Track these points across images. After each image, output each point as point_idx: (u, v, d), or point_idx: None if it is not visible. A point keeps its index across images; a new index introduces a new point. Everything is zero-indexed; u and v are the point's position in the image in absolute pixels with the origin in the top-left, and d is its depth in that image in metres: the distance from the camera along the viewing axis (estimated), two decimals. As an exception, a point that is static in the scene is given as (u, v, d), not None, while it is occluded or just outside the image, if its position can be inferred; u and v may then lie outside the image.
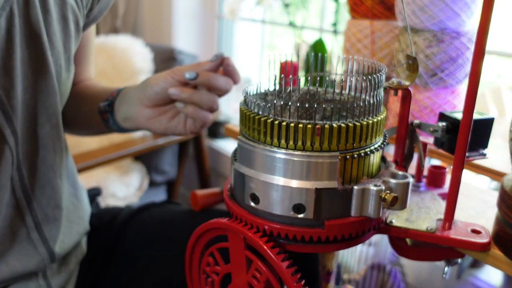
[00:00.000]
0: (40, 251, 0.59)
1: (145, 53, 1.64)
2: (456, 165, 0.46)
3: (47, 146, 0.58)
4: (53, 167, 0.59)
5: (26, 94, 0.54)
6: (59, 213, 0.61)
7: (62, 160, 0.61)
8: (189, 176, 2.00)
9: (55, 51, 0.57)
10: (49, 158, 0.58)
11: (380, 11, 0.82)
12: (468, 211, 0.55)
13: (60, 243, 0.62)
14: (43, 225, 0.59)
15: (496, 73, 1.45)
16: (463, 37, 0.71)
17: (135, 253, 0.73)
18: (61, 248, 0.62)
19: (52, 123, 0.58)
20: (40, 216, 0.59)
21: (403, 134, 0.52)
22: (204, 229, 0.48)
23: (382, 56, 0.85)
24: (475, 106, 0.45)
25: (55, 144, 0.59)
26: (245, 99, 0.46)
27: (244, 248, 0.44)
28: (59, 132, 0.60)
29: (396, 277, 1.28)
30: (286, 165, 0.42)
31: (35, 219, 0.58)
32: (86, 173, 1.40)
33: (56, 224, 0.61)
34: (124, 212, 0.79)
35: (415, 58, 0.47)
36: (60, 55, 0.58)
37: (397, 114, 0.81)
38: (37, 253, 0.59)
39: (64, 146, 0.62)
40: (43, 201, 0.59)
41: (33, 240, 0.59)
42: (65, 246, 0.63)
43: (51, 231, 0.60)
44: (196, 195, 0.69)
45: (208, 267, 0.50)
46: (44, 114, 0.57)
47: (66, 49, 0.59)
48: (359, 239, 0.45)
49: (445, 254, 0.51)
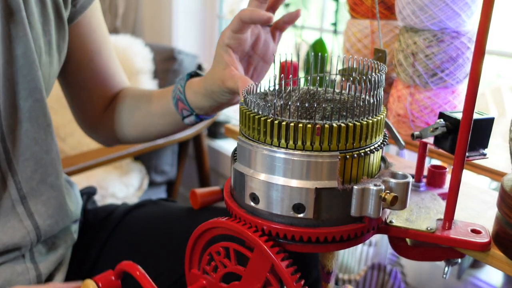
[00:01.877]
0: (25, 224, 0.60)
1: (145, 53, 1.64)
2: (456, 165, 0.46)
3: (31, 119, 0.59)
4: (37, 141, 0.60)
5: (8, 68, 0.56)
6: (45, 188, 0.62)
7: (47, 136, 0.62)
8: (189, 176, 2.00)
9: (34, 31, 0.58)
10: (32, 131, 0.59)
11: (380, 10, 0.82)
12: (468, 211, 0.55)
13: (47, 219, 0.62)
14: (28, 198, 0.60)
15: (496, 73, 1.45)
16: (463, 37, 0.71)
17: (130, 249, 0.73)
18: (47, 225, 0.62)
19: (35, 97, 0.59)
20: (25, 189, 0.59)
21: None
22: (204, 228, 0.48)
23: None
24: (475, 106, 0.44)
25: (39, 118, 0.60)
26: (245, 99, 0.46)
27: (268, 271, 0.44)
28: (43, 108, 0.60)
29: (396, 277, 1.28)
30: (286, 165, 0.42)
31: (20, 192, 0.59)
32: (86, 173, 1.40)
33: (42, 199, 0.62)
34: (120, 209, 0.79)
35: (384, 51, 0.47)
36: (39, 36, 0.59)
37: (397, 114, 0.81)
38: (22, 226, 0.59)
39: (49, 123, 0.62)
40: (28, 174, 0.60)
41: (18, 213, 0.59)
42: (52, 224, 0.63)
43: (36, 205, 0.61)
44: (196, 193, 0.69)
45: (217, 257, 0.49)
46: (26, 88, 0.57)
47: (45, 32, 0.60)
48: (359, 239, 0.45)
49: (445, 254, 0.51)
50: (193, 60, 1.69)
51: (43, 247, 0.65)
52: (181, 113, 0.69)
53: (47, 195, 0.62)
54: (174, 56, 1.63)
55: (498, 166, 0.66)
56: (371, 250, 1.38)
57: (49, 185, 0.63)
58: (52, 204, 0.63)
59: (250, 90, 0.48)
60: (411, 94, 0.75)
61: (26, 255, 0.62)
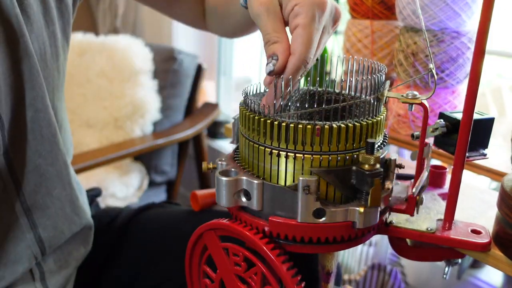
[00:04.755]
0: (28, 236, 0.58)
1: (145, 53, 1.64)
2: (456, 165, 0.46)
3: (34, 131, 0.56)
4: (40, 153, 0.57)
5: (9, 76, 0.52)
6: (51, 200, 0.60)
7: (52, 147, 0.59)
8: (189, 176, 2.00)
9: (35, 25, 0.54)
10: (35, 143, 0.57)
11: (380, 10, 0.82)
12: (468, 211, 0.55)
13: (51, 231, 0.60)
14: (32, 211, 0.58)
15: (497, 73, 1.45)
16: (464, 37, 0.70)
17: (135, 255, 0.73)
18: (51, 237, 0.61)
19: (36, 107, 0.55)
20: (29, 202, 0.58)
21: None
22: (204, 229, 0.48)
23: (382, 56, 0.85)
24: (475, 106, 0.44)
25: (43, 129, 0.57)
26: (245, 99, 0.46)
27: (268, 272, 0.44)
28: (47, 119, 0.57)
29: (397, 278, 1.28)
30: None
31: (24, 205, 0.57)
32: (86, 173, 1.40)
33: (48, 212, 0.60)
34: (123, 214, 0.78)
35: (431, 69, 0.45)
36: (41, 30, 0.55)
37: (397, 114, 0.81)
38: (25, 238, 0.58)
39: (54, 133, 0.59)
40: (31, 187, 0.58)
41: (21, 225, 0.58)
42: (56, 236, 0.61)
43: (41, 218, 0.59)
44: (196, 195, 0.69)
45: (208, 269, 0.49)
46: (29, 97, 0.54)
47: (48, 23, 0.57)
48: (359, 239, 0.45)
49: (445, 255, 0.51)
50: (193, 60, 1.69)
51: (54, 265, 0.63)
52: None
53: (53, 208, 0.61)
54: (174, 56, 1.63)
55: (498, 166, 0.66)
56: (371, 250, 1.38)
57: (55, 197, 0.61)
58: (59, 215, 0.62)
59: (250, 91, 0.48)
60: (411, 94, 0.75)
61: (36, 276, 0.61)
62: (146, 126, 1.59)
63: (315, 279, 0.63)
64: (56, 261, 0.64)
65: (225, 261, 0.47)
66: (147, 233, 0.74)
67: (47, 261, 0.62)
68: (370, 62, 0.48)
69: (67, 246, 0.65)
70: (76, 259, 0.67)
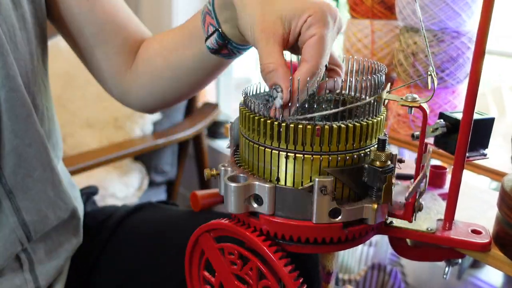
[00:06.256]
0: (11, 220, 0.58)
1: (145, 53, 1.64)
2: (456, 165, 0.46)
3: (8, 111, 0.56)
4: (16, 133, 0.57)
5: None
6: (32, 182, 0.59)
7: (28, 127, 0.58)
8: (189, 176, 2.00)
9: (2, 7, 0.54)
10: (11, 123, 0.56)
11: (380, 10, 0.82)
12: (468, 211, 0.55)
13: (35, 215, 0.60)
14: (15, 193, 0.58)
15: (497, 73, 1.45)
16: (464, 37, 0.70)
17: (129, 254, 0.72)
18: (36, 221, 0.60)
19: (9, 86, 0.55)
20: (10, 184, 0.57)
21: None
22: (204, 229, 0.48)
23: (382, 56, 0.85)
24: (475, 106, 0.44)
25: (17, 109, 0.56)
26: (245, 100, 0.46)
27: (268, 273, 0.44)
28: (21, 97, 0.56)
29: (397, 278, 1.28)
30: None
31: (5, 187, 0.57)
32: (86, 173, 1.40)
33: (30, 194, 0.59)
34: (119, 212, 0.77)
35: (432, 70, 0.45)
36: (8, 12, 0.55)
37: (397, 114, 0.80)
38: (8, 222, 0.57)
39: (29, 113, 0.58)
40: (11, 169, 0.57)
41: (5, 208, 0.57)
42: (41, 221, 0.61)
43: (23, 201, 0.59)
44: (196, 195, 0.69)
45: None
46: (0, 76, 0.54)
47: (16, 5, 0.57)
48: (360, 240, 0.45)
49: (446, 255, 0.51)
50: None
51: (44, 255, 0.63)
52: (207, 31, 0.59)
53: (34, 189, 0.60)
54: (174, 56, 1.63)
55: (498, 166, 0.66)
56: (371, 250, 1.38)
57: (36, 179, 0.60)
58: (42, 199, 0.61)
59: (250, 91, 0.48)
60: (411, 94, 0.75)
61: (24, 265, 0.60)
62: (146, 126, 1.59)
63: (315, 279, 0.63)
64: (46, 251, 0.63)
65: (222, 262, 0.47)
66: (141, 233, 0.74)
67: (36, 250, 0.62)
68: (370, 62, 0.48)
69: (57, 235, 0.65)
70: (67, 250, 0.66)
